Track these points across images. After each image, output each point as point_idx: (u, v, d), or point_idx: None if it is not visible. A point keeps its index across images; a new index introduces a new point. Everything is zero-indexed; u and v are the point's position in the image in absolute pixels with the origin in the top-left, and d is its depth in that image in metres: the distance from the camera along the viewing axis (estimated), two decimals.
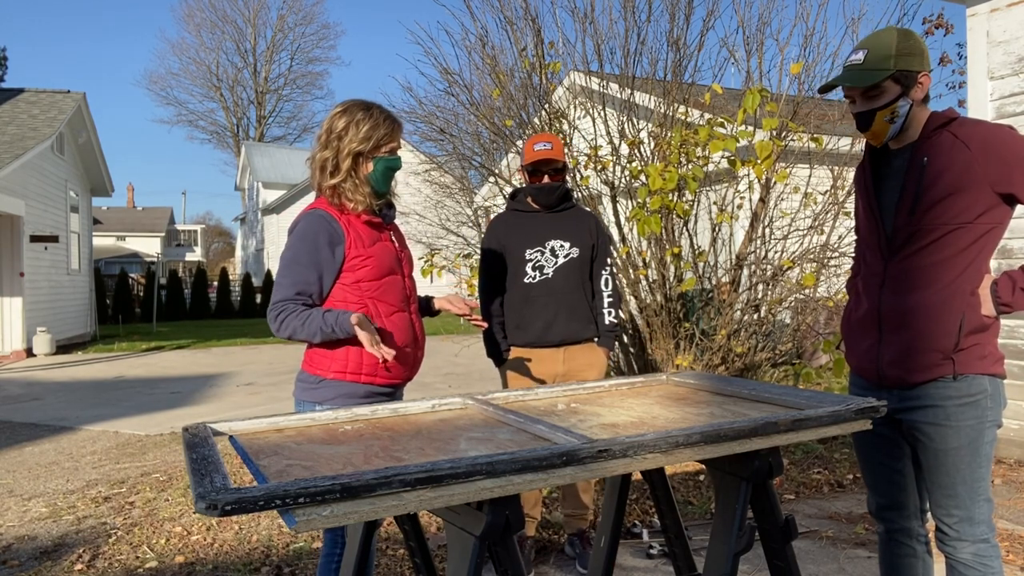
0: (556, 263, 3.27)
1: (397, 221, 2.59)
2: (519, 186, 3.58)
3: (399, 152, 2.43)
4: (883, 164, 2.12)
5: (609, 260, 3.43)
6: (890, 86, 1.98)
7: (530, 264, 3.27)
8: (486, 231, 3.43)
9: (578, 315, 3.28)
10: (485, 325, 2.73)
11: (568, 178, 4.66)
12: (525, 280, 3.27)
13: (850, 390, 2.27)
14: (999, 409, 2.04)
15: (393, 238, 2.46)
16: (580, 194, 5.63)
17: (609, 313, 3.36)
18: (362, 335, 2.20)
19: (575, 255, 3.29)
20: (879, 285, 2.10)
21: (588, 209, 4.05)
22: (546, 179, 3.26)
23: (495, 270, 3.34)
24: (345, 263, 2.32)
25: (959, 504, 2.03)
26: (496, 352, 3.36)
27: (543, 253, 3.27)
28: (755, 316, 5.42)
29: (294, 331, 2.28)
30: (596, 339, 3.37)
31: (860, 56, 2.02)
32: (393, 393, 2.45)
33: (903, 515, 2.22)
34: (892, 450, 2.19)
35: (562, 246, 3.28)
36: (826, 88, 2.10)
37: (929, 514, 2.15)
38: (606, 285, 3.39)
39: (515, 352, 3.34)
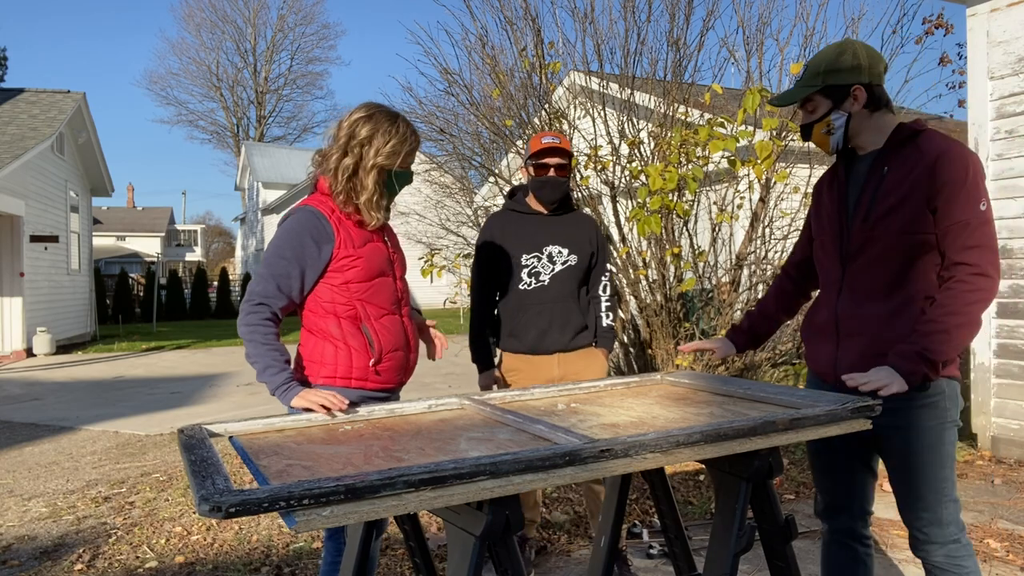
0: (553, 270, 3.17)
1: (396, 221, 2.56)
2: (520, 184, 3.45)
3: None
4: (850, 171, 2.17)
5: (608, 266, 3.36)
6: (820, 100, 2.09)
7: (526, 270, 3.16)
8: (482, 230, 3.33)
9: (572, 325, 3.19)
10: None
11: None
12: (520, 287, 3.17)
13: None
14: (957, 410, 2.07)
15: (386, 239, 2.40)
16: (580, 194, 5.63)
17: (607, 316, 3.30)
18: (306, 405, 2.07)
19: (573, 262, 3.19)
20: (836, 292, 2.15)
21: (589, 213, 4.01)
22: (552, 172, 3.13)
23: (489, 272, 3.24)
24: (333, 263, 2.26)
25: (926, 506, 2.05)
26: (482, 358, 3.27)
27: (540, 259, 3.17)
28: None
29: (248, 345, 2.17)
30: (593, 343, 3.29)
31: (801, 73, 2.14)
32: (388, 399, 2.39)
33: (849, 516, 2.25)
34: (845, 452, 2.22)
35: (560, 252, 3.18)
36: (772, 103, 2.20)
37: (901, 520, 2.17)
38: (604, 291, 3.31)
39: (509, 358, 3.24)
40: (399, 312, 2.39)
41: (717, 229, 5.51)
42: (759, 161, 4.66)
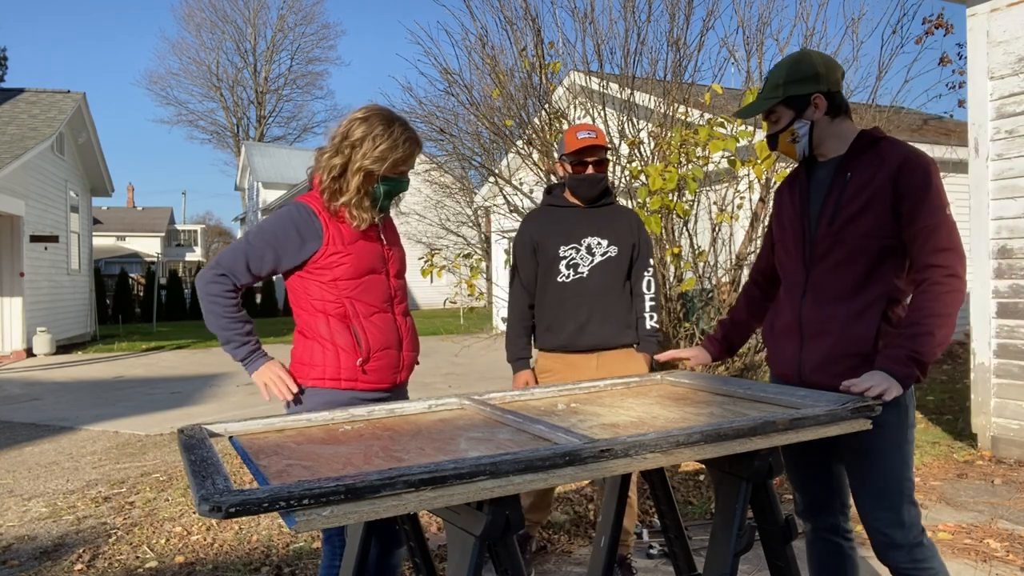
0: (592, 262, 3.04)
1: (397, 220, 2.56)
2: (557, 182, 3.30)
3: (411, 172, 2.37)
4: (811, 177, 2.22)
5: (651, 261, 3.19)
6: (783, 111, 2.15)
7: (564, 262, 3.04)
8: (520, 226, 3.22)
9: (613, 318, 3.05)
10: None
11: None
12: (558, 279, 3.05)
13: None
14: (913, 411, 2.13)
15: (381, 236, 2.38)
16: None
17: (650, 317, 3.13)
18: (257, 383, 2.28)
19: (613, 254, 3.06)
20: (800, 295, 2.19)
21: (628, 206, 3.94)
22: (590, 169, 3.03)
23: (526, 269, 3.13)
24: (322, 259, 2.26)
25: (889, 505, 2.07)
26: (517, 357, 3.14)
27: (578, 251, 3.05)
28: None
29: (209, 314, 2.24)
30: (635, 345, 3.14)
31: (762, 85, 2.21)
32: (387, 398, 2.36)
33: (829, 512, 2.29)
34: (816, 451, 2.25)
35: (599, 244, 3.05)
36: (737, 116, 2.29)
37: (859, 520, 2.20)
38: (648, 288, 3.15)
39: (544, 357, 3.12)
40: (391, 310, 2.38)
41: (717, 229, 5.51)
42: (759, 161, 4.67)
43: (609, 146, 3.05)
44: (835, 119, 2.15)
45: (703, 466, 2.99)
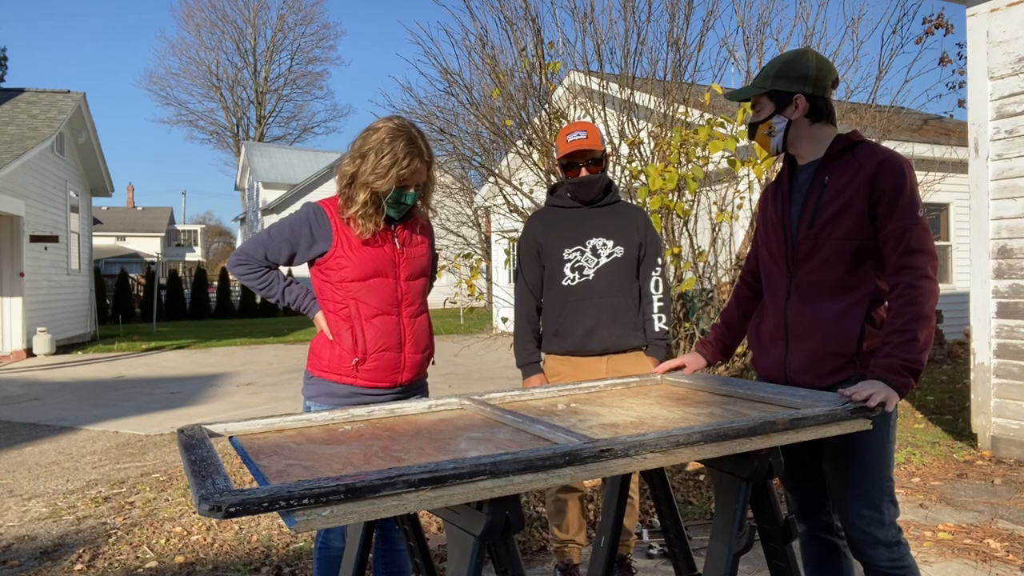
0: (598, 263, 2.99)
1: None
2: (558, 181, 3.23)
3: (422, 177, 2.39)
4: (792, 180, 2.26)
5: (659, 260, 3.12)
6: (765, 103, 2.20)
7: (569, 265, 2.99)
8: (523, 229, 3.16)
9: (622, 321, 2.99)
10: None
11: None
12: (563, 282, 2.99)
13: None
14: (896, 411, 2.14)
15: (395, 239, 2.43)
16: None
17: (659, 319, 3.06)
18: (318, 327, 2.47)
19: (619, 255, 3.00)
20: (784, 297, 2.23)
21: (635, 203, 3.91)
22: (584, 172, 2.96)
23: (531, 272, 3.09)
24: (329, 260, 2.38)
25: (869, 503, 2.09)
26: (527, 361, 3.08)
27: (583, 252, 2.99)
28: None
29: (260, 291, 2.49)
30: (644, 348, 3.07)
31: (757, 73, 2.26)
32: (397, 397, 2.43)
33: (824, 511, 2.31)
34: (807, 452, 2.26)
35: (604, 244, 2.99)
36: (727, 98, 2.32)
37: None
38: (656, 288, 3.07)
39: (552, 361, 3.06)
40: (397, 312, 2.43)
41: (717, 229, 5.51)
42: (759, 161, 4.67)
43: (602, 147, 2.99)
44: (815, 123, 2.18)
45: (703, 466, 2.99)
